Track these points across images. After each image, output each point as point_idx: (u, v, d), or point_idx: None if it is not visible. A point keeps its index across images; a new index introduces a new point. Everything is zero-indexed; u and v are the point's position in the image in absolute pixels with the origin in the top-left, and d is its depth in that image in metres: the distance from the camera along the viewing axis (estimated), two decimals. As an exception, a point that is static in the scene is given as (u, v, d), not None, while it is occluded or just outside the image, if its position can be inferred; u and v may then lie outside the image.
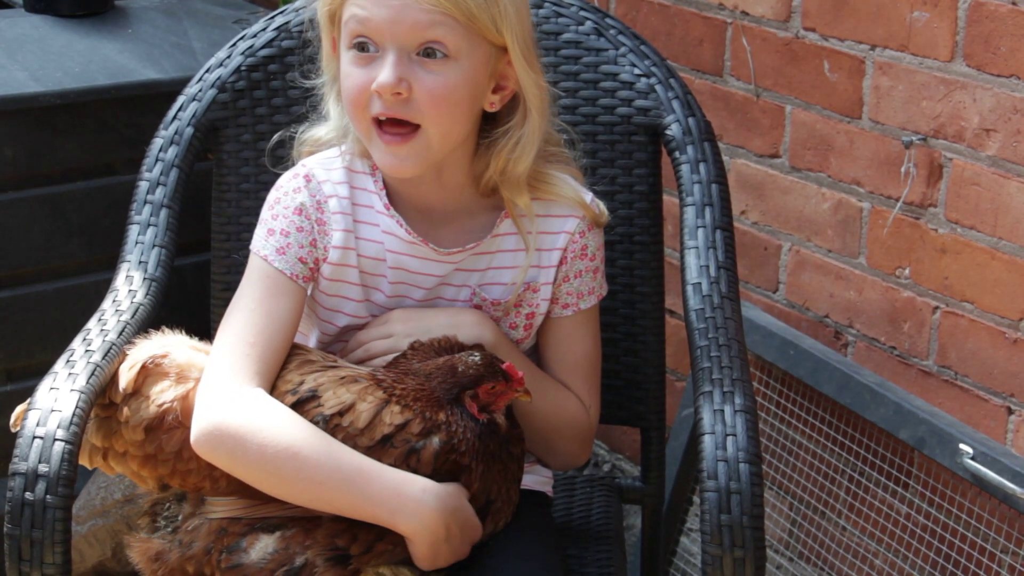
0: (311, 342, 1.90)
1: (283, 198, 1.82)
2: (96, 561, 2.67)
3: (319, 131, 1.89)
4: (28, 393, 1.74)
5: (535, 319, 1.88)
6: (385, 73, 1.70)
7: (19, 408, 1.71)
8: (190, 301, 2.52)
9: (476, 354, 1.73)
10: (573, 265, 1.87)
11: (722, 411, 1.67)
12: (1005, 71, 2.22)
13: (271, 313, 1.77)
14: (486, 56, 1.74)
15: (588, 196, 1.88)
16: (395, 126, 1.73)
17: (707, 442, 1.64)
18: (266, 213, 1.83)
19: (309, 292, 1.85)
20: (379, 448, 1.68)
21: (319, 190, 1.82)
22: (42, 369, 1.77)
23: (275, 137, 1.99)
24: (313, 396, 1.71)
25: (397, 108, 1.71)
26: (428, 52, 1.70)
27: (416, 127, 1.72)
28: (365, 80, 1.71)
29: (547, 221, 1.85)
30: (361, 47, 1.72)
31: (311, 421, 1.69)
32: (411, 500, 1.65)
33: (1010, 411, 2.30)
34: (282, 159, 1.97)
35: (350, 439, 1.68)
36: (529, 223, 1.83)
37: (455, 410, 1.69)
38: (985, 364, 2.32)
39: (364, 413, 1.68)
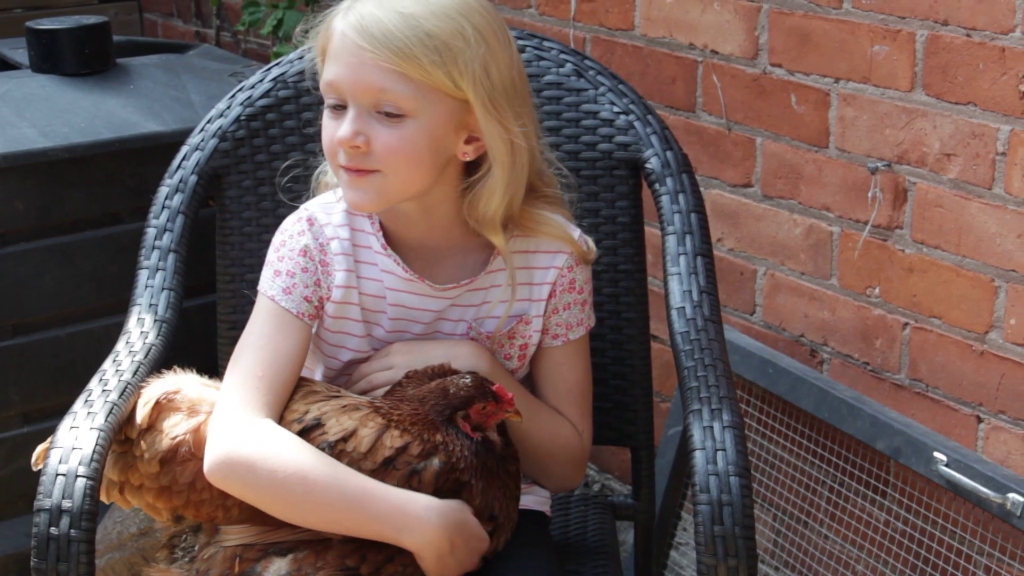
0: (317, 376, 1.90)
1: (288, 240, 1.83)
2: (114, 593, 2.65)
3: (328, 172, 1.89)
4: (44, 434, 1.74)
5: (528, 350, 1.89)
6: (344, 128, 1.71)
7: (40, 447, 1.71)
8: (196, 341, 2.51)
9: (467, 376, 1.73)
10: (562, 298, 1.87)
11: (711, 427, 1.67)
12: (962, 99, 2.24)
13: (278, 349, 1.77)
14: (449, 110, 1.72)
15: (576, 232, 1.88)
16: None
17: (698, 457, 1.64)
18: (272, 255, 1.83)
19: (314, 330, 1.85)
20: (382, 471, 1.68)
21: (321, 233, 1.82)
22: (57, 411, 1.76)
23: (286, 169, 1.99)
24: (318, 424, 1.71)
25: (357, 160, 1.72)
26: (386, 111, 1.71)
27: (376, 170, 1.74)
28: (333, 132, 1.73)
29: (537, 257, 1.86)
30: (333, 103, 1.74)
31: (317, 447, 1.69)
32: (414, 518, 1.66)
33: (979, 419, 2.31)
34: (292, 190, 1.98)
35: (354, 463, 1.68)
36: (504, 261, 1.83)
37: (450, 431, 1.70)
38: (954, 376, 2.33)
39: (366, 438, 1.69)
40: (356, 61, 1.69)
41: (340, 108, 1.73)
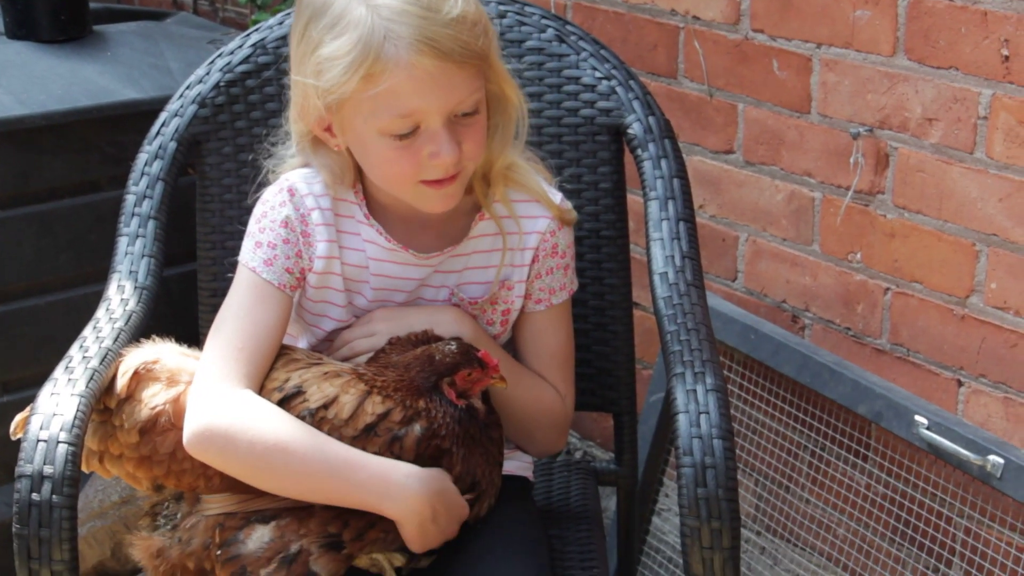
0: (301, 345, 1.90)
1: (269, 212, 1.81)
2: (96, 561, 2.66)
3: (290, 166, 1.87)
4: (23, 404, 1.73)
5: (510, 315, 1.89)
6: (447, 150, 1.69)
7: (19, 416, 1.70)
8: (176, 310, 2.51)
9: (452, 343, 1.73)
10: (545, 263, 1.87)
11: (694, 391, 1.67)
12: (944, 63, 2.24)
13: (258, 320, 1.76)
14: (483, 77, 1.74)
15: (558, 197, 1.88)
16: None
17: (681, 420, 1.64)
18: (253, 226, 1.82)
19: (296, 299, 1.84)
20: (363, 437, 1.68)
21: (302, 203, 1.81)
22: (36, 380, 1.75)
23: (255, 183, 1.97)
24: (299, 392, 1.71)
25: (454, 169, 1.72)
26: (465, 112, 1.71)
27: None
28: (415, 160, 1.70)
29: (519, 222, 1.85)
30: (405, 132, 1.69)
31: (298, 416, 1.69)
32: (396, 485, 1.66)
33: (960, 383, 2.32)
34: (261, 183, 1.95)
35: (335, 430, 1.68)
36: (503, 208, 1.83)
37: (434, 397, 1.70)
38: (935, 340, 2.34)
39: (347, 405, 1.69)
40: (445, 84, 1.67)
41: (408, 134, 1.69)
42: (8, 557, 1.63)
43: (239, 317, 1.76)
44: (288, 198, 1.81)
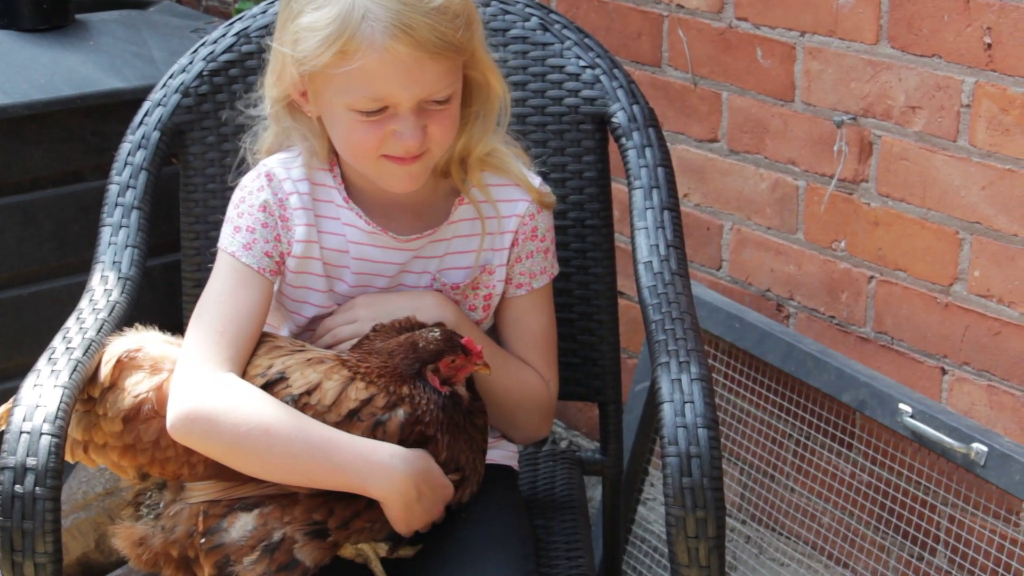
0: (283, 333, 1.89)
1: (247, 197, 1.82)
2: (80, 553, 2.65)
3: (266, 140, 1.87)
4: (6, 395, 1.73)
5: (492, 300, 1.89)
6: (411, 134, 1.70)
7: (2, 409, 1.70)
8: (160, 300, 2.50)
9: (436, 330, 1.73)
10: (524, 246, 1.87)
11: (679, 380, 1.67)
12: (927, 51, 2.24)
13: (239, 304, 1.76)
14: (461, 67, 1.75)
15: (536, 180, 1.89)
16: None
17: (666, 410, 1.64)
18: (232, 212, 1.82)
19: (276, 286, 1.84)
20: (347, 422, 1.68)
21: (280, 188, 1.81)
22: (19, 370, 1.75)
23: (238, 160, 1.96)
24: (281, 378, 1.71)
25: (416, 150, 1.73)
26: (438, 99, 1.72)
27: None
28: (379, 135, 1.71)
29: (498, 206, 1.86)
30: (371, 109, 1.70)
31: (281, 401, 1.68)
32: (380, 465, 1.66)
33: (944, 371, 2.33)
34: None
35: (319, 416, 1.68)
36: (480, 193, 1.84)
37: (418, 384, 1.70)
38: (919, 328, 2.35)
39: (331, 391, 1.69)
40: (416, 74, 1.68)
41: (376, 111, 1.70)
42: (-9, 549, 1.63)
43: (220, 302, 1.76)
44: (266, 183, 1.81)
